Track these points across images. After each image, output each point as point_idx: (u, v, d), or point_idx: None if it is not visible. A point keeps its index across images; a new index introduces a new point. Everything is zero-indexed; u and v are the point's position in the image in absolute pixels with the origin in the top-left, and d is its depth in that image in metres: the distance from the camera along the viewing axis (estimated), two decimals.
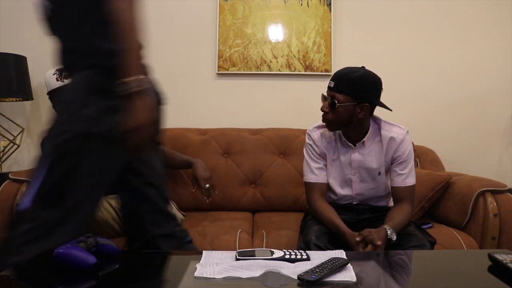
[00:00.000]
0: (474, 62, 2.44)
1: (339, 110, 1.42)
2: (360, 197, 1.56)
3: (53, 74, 1.76)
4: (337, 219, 1.42)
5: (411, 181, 1.48)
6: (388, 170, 1.54)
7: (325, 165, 1.56)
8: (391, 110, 1.49)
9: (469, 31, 2.44)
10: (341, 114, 1.43)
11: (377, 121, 1.54)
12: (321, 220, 1.47)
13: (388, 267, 1.13)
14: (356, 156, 1.52)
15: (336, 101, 1.42)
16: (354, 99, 1.41)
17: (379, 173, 1.52)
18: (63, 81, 1.75)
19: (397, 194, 1.49)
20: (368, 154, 1.51)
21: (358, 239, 1.30)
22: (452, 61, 2.44)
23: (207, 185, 1.79)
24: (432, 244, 1.40)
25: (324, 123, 1.53)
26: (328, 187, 1.58)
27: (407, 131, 1.51)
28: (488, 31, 2.43)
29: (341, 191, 1.56)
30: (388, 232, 1.33)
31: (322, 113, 1.48)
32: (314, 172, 1.55)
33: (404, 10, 2.44)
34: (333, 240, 1.39)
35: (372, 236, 1.29)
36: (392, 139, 1.48)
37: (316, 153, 1.56)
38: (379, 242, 1.27)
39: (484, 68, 2.44)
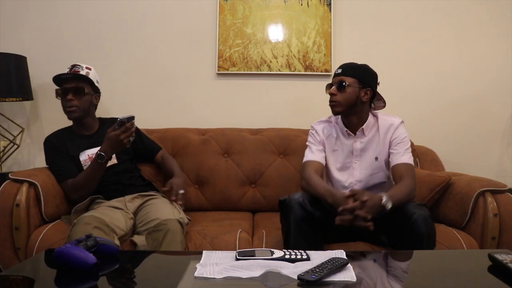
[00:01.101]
0: (474, 62, 2.44)
1: (348, 90, 1.60)
2: (360, 184, 1.66)
3: (67, 68, 1.77)
4: (329, 186, 1.58)
5: (408, 159, 1.60)
6: (387, 158, 1.65)
7: (324, 151, 1.70)
8: (385, 104, 1.69)
9: (469, 31, 2.43)
10: (349, 94, 1.60)
11: (375, 114, 1.71)
12: (313, 186, 1.53)
13: (388, 267, 1.13)
14: (357, 145, 1.67)
15: (345, 81, 1.59)
16: (359, 82, 1.61)
17: (376, 158, 1.65)
18: (70, 73, 1.75)
19: (396, 171, 1.59)
20: (368, 143, 1.66)
21: (347, 193, 1.38)
22: (452, 61, 2.44)
23: (181, 191, 1.74)
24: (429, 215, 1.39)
25: (326, 118, 1.75)
26: (328, 175, 1.71)
27: (402, 121, 1.68)
28: (488, 31, 2.43)
29: (342, 178, 1.67)
30: (384, 199, 1.36)
31: (329, 97, 1.63)
32: (313, 152, 1.69)
33: (404, 10, 2.44)
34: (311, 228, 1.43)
35: (361, 194, 1.36)
36: (389, 125, 1.66)
37: (319, 138, 1.71)
38: (365, 198, 1.33)
39: (484, 68, 2.44)
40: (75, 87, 1.75)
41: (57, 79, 1.76)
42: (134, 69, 2.43)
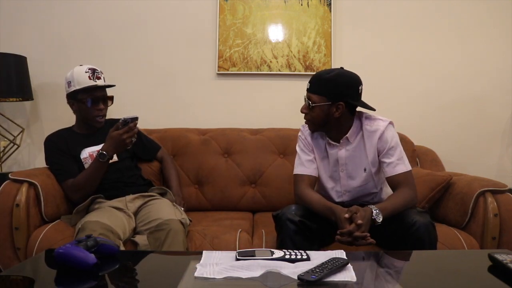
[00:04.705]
0: (474, 62, 2.44)
1: (315, 110, 1.49)
2: (349, 194, 1.59)
3: (85, 72, 1.74)
4: (326, 201, 1.47)
5: (402, 168, 1.49)
6: (379, 166, 1.55)
7: (315, 158, 1.60)
8: (374, 110, 1.52)
9: (469, 31, 2.43)
10: (317, 114, 1.49)
11: (360, 117, 1.57)
12: (309, 204, 1.48)
13: (388, 267, 1.13)
14: (342, 153, 1.56)
15: (310, 102, 1.49)
16: (328, 99, 1.47)
17: (365, 170, 1.55)
18: (95, 81, 1.74)
19: (392, 183, 1.51)
20: (354, 150, 1.55)
21: (346, 215, 1.32)
22: (452, 61, 2.44)
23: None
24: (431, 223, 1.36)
25: None
26: (319, 183, 1.63)
27: (389, 122, 1.54)
28: (488, 31, 2.43)
29: (332, 186, 1.60)
30: (374, 213, 1.33)
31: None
32: (304, 165, 1.59)
33: (404, 10, 2.44)
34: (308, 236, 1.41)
35: (356, 215, 1.32)
36: (372, 133, 1.52)
37: (308, 145, 1.62)
38: (359, 221, 1.29)
39: (484, 68, 2.44)
40: (107, 96, 1.80)
41: (86, 86, 1.72)
42: (134, 69, 2.43)
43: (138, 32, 2.42)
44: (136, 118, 1.59)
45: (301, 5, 2.40)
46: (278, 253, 1.03)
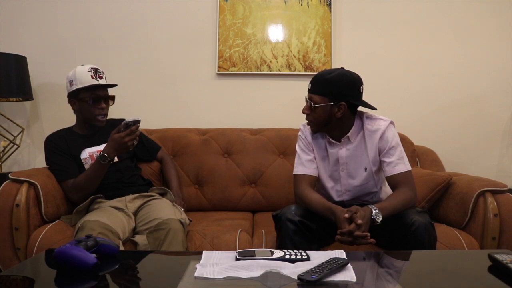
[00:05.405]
0: (474, 62, 2.44)
1: (317, 111, 1.50)
2: (349, 193, 1.59)
3: (88, 71, 1.73)
4: (326, 201, 1.47)
5: (402, 167, 1.49)
6: (379, 165, 1.56)
7: (315, 158, 1.61)
8: (376, 109, 1.53)
9: (469, 31, 2.43)
10: (319, 115, 1.51)
11: (361, 116, 1.58)
12: (309, 204, 1.48)
13: (388, 267, 1.13)
14: (343, 152, 1.56)
15: (312, 103, 1.50)
16: (330, 99, 1.48)
17: (365, 169, 1.55)
18: (98, 80, 1.74)
19: (391, 182, 1.51)
20: (355, 150, 1.55)
21: (346, 215, 1.32)
22: (452, 62, 2.44)
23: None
24: (430, 223, 1.36)
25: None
26: (319, 182, 1.63)
27: (390, 122, 1.54)
28: (488, 32, 2.43)
29: (332, 186, 1.61)
30: (373, 212, 1.33)
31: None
32: (304, 165, 1.59)
33: (404, 10, 2.44)
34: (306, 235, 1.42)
35: (356, 215, 1.31)
36: (374, 132, 1.52)
37: (308, 145, 1.62)
38: (359, 221, 1.28)
39: (484, 68, 2.44)
40: (108, 96, 1.79)
41: (89, 85, 1.72)
42: (134, 69, 2.43)
43: (138, 32, 2.42)
44: (138, 121, 1.58)
45: (301, 5, 2.40)
46: (278, 253, 1.03)
